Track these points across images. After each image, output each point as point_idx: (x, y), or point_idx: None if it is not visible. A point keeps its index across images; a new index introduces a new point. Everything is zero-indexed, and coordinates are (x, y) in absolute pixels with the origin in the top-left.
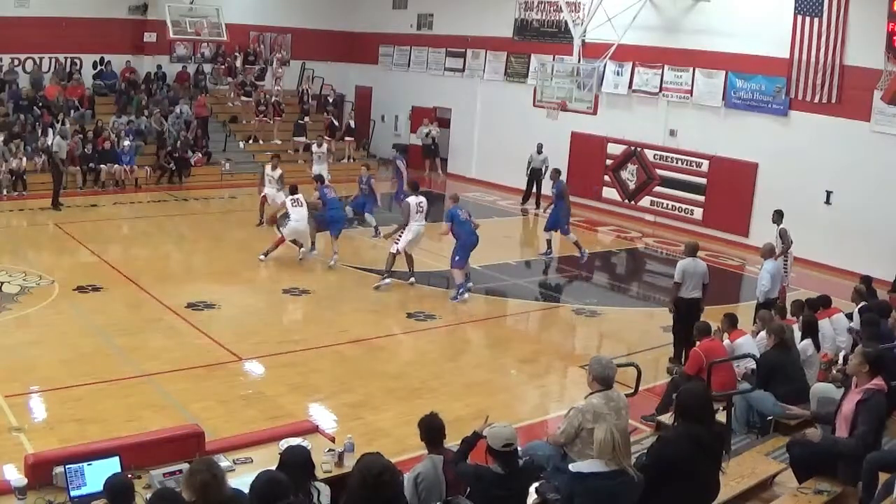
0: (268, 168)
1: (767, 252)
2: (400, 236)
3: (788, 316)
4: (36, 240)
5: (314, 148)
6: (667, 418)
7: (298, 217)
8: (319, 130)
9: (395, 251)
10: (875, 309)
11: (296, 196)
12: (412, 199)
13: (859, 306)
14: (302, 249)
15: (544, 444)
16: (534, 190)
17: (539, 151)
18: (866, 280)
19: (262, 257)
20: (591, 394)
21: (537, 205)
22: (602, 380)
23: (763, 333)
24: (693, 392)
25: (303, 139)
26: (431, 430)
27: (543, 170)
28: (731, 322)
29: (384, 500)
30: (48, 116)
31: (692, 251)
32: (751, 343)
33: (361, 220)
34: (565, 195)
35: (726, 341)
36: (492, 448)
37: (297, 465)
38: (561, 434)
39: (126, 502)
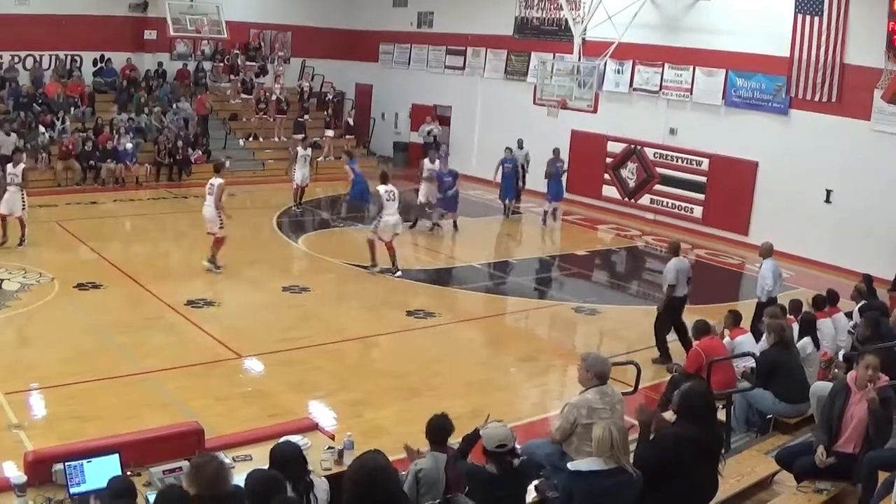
0: (300, 148)
1: (767, 251)
2: (377, 226)
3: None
4: (36, 237)
5: (300, 150)
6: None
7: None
8: (320, 128)
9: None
10: (874, 309)
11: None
12: (381, 189)
13: (859, 305)
14: None
15: (544, 443)
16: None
17: (520, 147)
18: (867, 279)
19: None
20: (585, 389)
21: (517, 198)
22: (600, 375)
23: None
24: (698, 392)
25: (302, 137)
26: (438, 430)
27: (525, 165)
28: (734, 319)
29: (375, 500)
30: (46, 114)
31: (677, 250)
32: (751, 341)
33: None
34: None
35: (727, 338)
36: (485, 448)
37: (287, 460)
38: (557, 430)
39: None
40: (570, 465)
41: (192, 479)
